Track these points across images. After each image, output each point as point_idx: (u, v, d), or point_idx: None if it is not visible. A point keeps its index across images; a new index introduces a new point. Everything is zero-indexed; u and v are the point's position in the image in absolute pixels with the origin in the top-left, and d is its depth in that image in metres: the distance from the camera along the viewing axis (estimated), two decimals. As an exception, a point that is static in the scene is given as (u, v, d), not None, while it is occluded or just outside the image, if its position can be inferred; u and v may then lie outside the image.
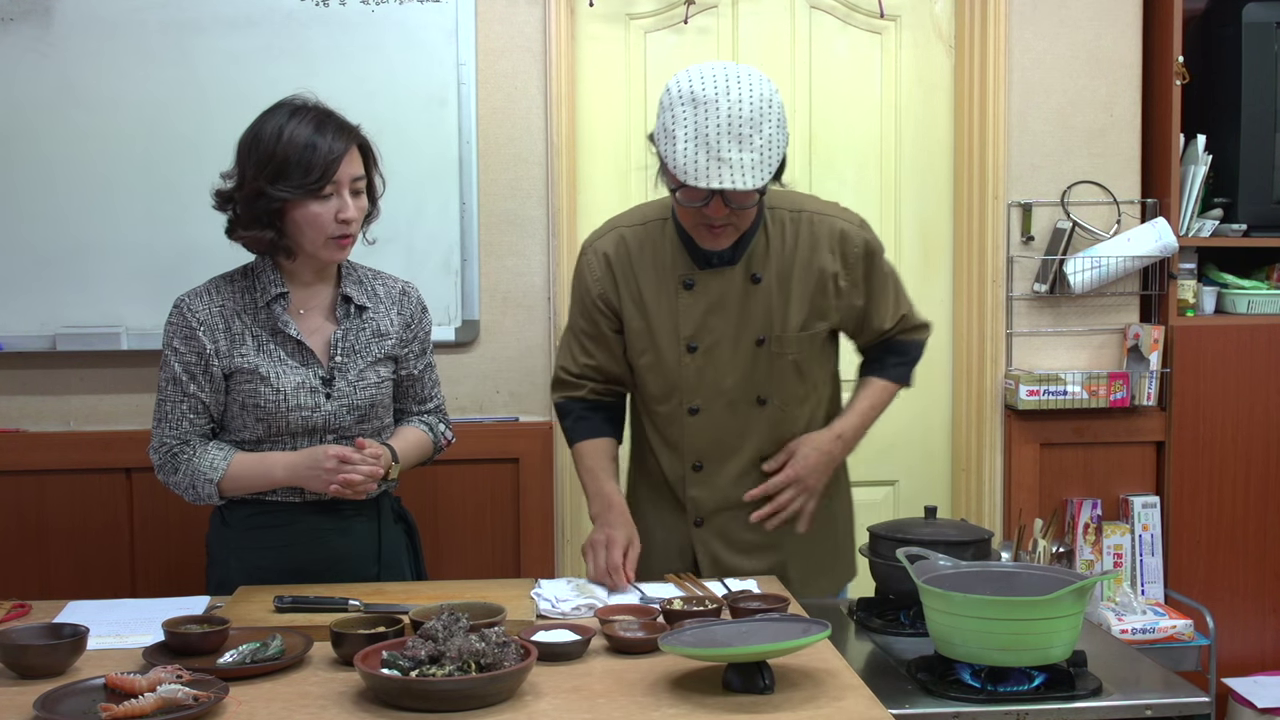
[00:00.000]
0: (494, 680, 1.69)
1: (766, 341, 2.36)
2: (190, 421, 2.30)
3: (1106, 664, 2.01)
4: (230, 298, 2.31)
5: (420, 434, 2.44)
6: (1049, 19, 3.34)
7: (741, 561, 2.45)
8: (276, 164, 2.22)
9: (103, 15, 3.05)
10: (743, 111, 2.14)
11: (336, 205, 2.24)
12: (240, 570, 2.31)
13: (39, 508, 3.10)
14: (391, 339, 2.38)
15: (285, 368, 2.28)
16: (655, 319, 2.38)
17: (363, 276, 2.41)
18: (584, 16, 3.28)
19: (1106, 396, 3.31)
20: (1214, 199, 3.42)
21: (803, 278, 2.36)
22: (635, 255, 2.40)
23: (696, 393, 2.39)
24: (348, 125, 2.30)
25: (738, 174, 2.14)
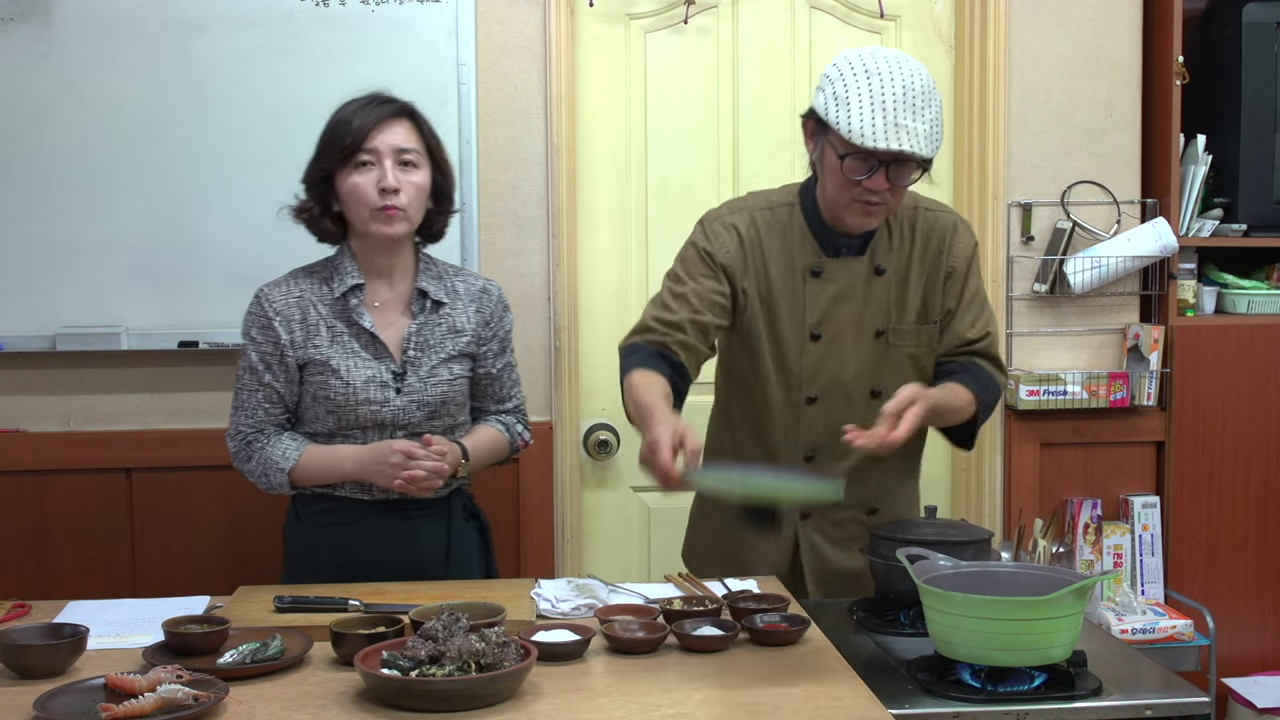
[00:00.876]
0: (494, 680, 1.69)
1: (885, 333, 2.37)
2: (265, 411, 2.31)
3: (1106, 664, 2.01)
4: (308, 288, 2.33)
5: (495, 433, 2.43)
6: (1049, 19, 3.34)
7: (845, 559, 2.43)
8: (324, 139, 2.30)
9: (103, 15, 3.05)
10: (915, 84, 2.19)
11: (377, 174, 2.24)
12: (310, 566, 2.33)
13: (39, 508, 3.11)
14: (467, 336, 2.38)
15: (357, 360, 2.29)
16: (780, 304, 2.37)
17: (442, 272, 2.41)
18: (584, 16, 3.28)
19: (1106, 396, 3.31)
20: (1214, 199, 3.42)
21: (919, 271, 2.37)
22: (765, 238, 2.38)
23: (815, 382, 2.38)
24: (394, 101, 2.32)
25: (915, 139, 2.18)
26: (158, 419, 3.15)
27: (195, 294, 3.09)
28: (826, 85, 2.25)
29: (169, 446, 3.11)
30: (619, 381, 2.26)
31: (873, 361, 2.38)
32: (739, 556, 2.45)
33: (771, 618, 2.02)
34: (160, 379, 3.14)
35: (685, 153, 3.37)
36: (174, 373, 3.14)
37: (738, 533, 2.45)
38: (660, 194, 3.35)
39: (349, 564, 2.31)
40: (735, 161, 3.38)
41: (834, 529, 2.44)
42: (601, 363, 3.34)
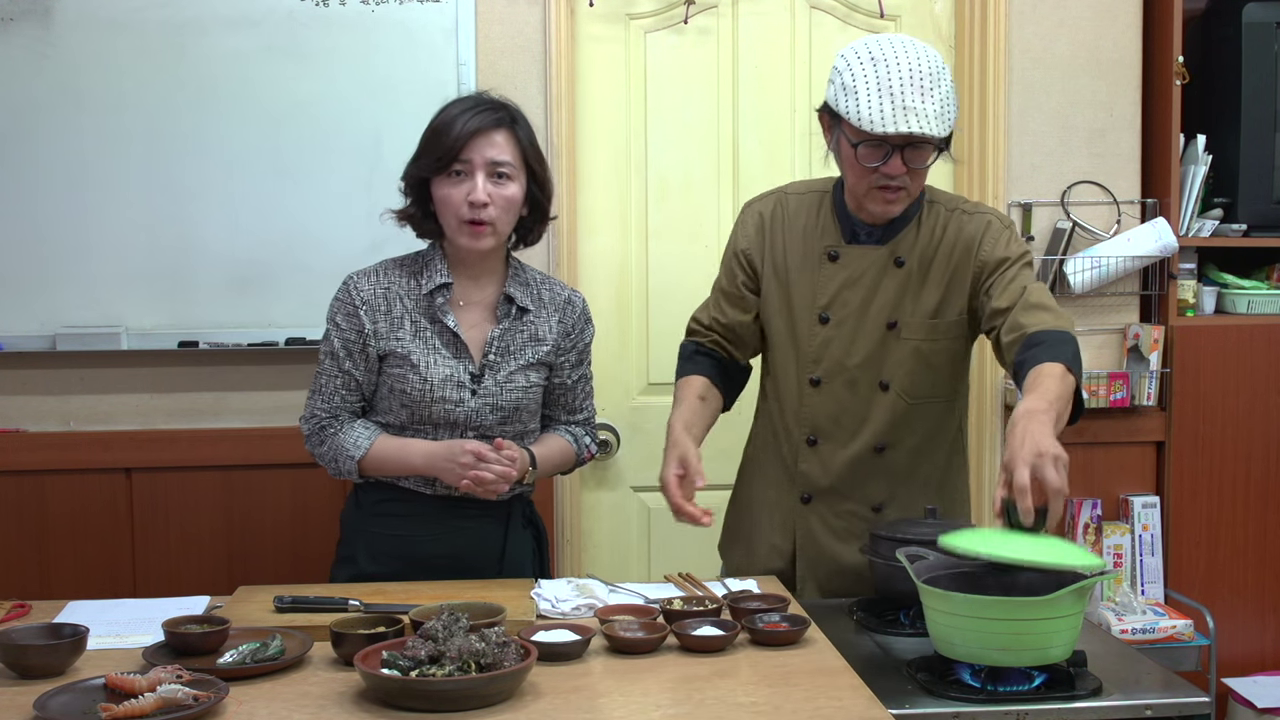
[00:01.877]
0: (494, 680, 1.69)
1: (897, 326, 2.37)
2: (342, 397, 2.33)
3: (1106, 664, 2.01)
4: (397, 280, 2.34)
5: (564, 443, 2.45)
6: (1049, 19, 3.34)
7: (841, 549, 2.43)
8: (423, 141, 2.30)
9: (103, 15, 3.05)
10: (922, 67, 2.20)
11: (468, 187, 2.24)
12: (366, 551, 2.35)
13: (39, 508, 3.10)
14: (548, 345, 2.39)
15: (437, 357, 2.30)
16: (795, 286, 2.41)
17: (530, 279, 2.41)
18: (584, 16, 3.28)
19: (1106, 396, 3.31)
20: (1214, 199, 3.42)
21: (943, 269, 2.36)
22: (789, 220, 2.44)
23: (820, 364, 2.39)
24: (500, 110, 2.29)
25: (924, 120, 2.19)
26: (158, 419, 3.15)
27: (195, 294, 3.09)
28: (836, 77, 2.28)
29: (169, 446, 3.11)
30: None
31: (881, 352, 2.37)
32: (748, 532, 2.50)
33: (771, 618, 2.02)
34: (160, 379, 3.14)
35: (685, 153, 3.37)
36: (174, 373, 3.14)
37: (752, 513, 2.50)
38: (660, 194, 3.34)
39: (402, 555, 2.33)
40: (735, 161, 3.38)
41: (836, 519, 2.44)
42: (602, 362, 3.33)
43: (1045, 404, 1.98)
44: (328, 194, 3.11)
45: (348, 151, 3.13)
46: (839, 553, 2.43)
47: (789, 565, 2.46)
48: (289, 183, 3.11)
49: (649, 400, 3.32)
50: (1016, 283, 2.28)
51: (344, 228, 3.13)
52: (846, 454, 2.41)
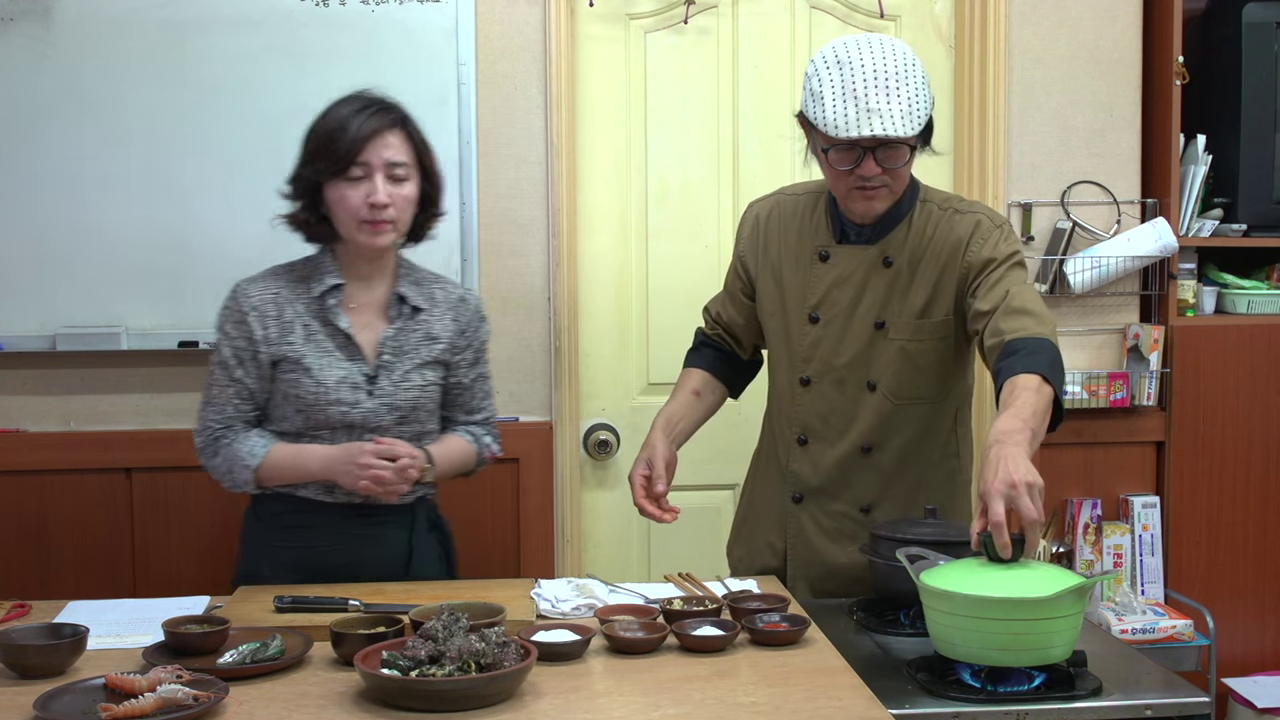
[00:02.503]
0: (494, 680, 1.69)
1: (885, 326, 2.37)
2: (235, 407, 2.30)
3: (1106, 664, 2.01)
4: (286, 285, 2.32)
5: (463, 443, 2.43)
6: (1049, 19, 3.34)
7: (833, 550, 2.43)
8: (313, 144, 2.28)
9: (103, 15, 3.05)
10: (887, 67, 2.20)
11: (366, 189, 2.24)
12: (269, 566, 2.31)
13: (39, 508, 3.10)
14: (442, 344, 2.38)
15: (330, 360, 2.28)
16: (788, 286, 2.43)
17: (422, 278, 2.41)
18: (584, 16, 3.28)
19: (1106, 396, 3.31)
20: (1214, 199, 3.42)
21: (931, 268, 2.35)
22: (785, 221, 2.46)
23: (810, 364, 2.41)
24: (390, 110, 2.30)
25: (888, 121, 2.18)
26: (157, 419, 3.15)
27: (195, 294, 3.09)
28: (806, 83, 2.29)
29: (169, 446, 3.11)
30: None
31: (869, 352, 2.38)
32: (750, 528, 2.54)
33: (771, 618, 2.02)
34: (160, 379, 3.14)
35: (685, 153, 3.37)
36: (174, 373, 3.14)
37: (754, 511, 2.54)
38: (660, 194, 3.35)
39: (308, 567, 2.30)
40: (735, 161, 3.38)
41: (827, 519, 2.44)
42: (602, 362, 3.34)
43: (1020, 423, 1.95)
44: (328, 194, 3.11)
45: (348, 151, 3.13)
46: (830, 553, 2.43)
47: (782, 564, 2.47)
48: (289, 183, 3.11)
49: (649, 400, 3.32)
50: (1001, 285, 2.25)
51: (344, 228, 3.13)
52: (835, 454, 2.42)
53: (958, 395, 2.48)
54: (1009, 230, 2.38)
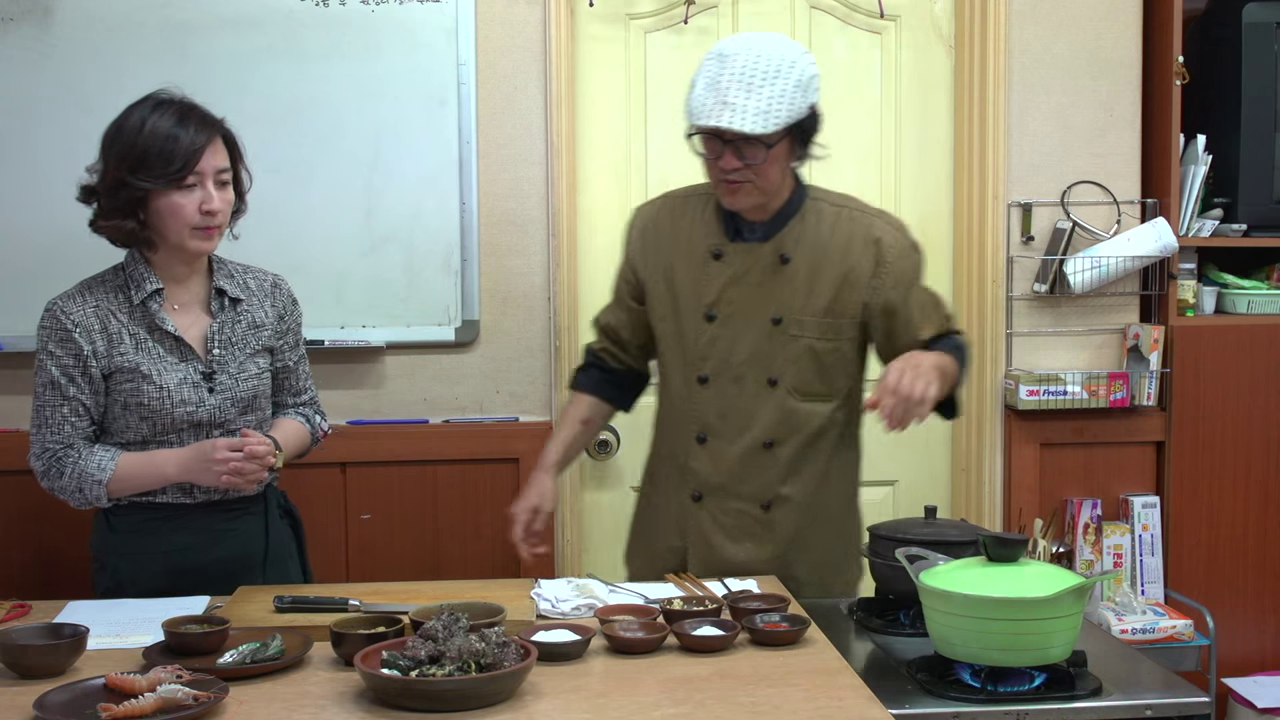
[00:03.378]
0: (494, 680, 1.69)
1: (784, 322, 2.37)
2: (73, 425, 2.30)
3: (1106, 664, 2.01)
4: (104, 297, 2.33)
5: (298, 425, 2.47)
6: (1049, 19, 3.34)
7: (732, 548, 2.43)
8: (138, 154, 2.25)
9: (103, 15, 3.05)
10: (759, 67, 2.23)
11: (200, 196, 2.26)
12: (130, 576, 2.32)
13: (39, 508, 3.10)
14: (267, 330, 2.41)
15: (165, 364, 2.30)
16: (681, 286, 2.43)
17: (233, 270, 2.43)
18: (584, 16, 3.28)
19: (1106, 396, 3.31)
20: (1214, 199, 3.42)
21: (835, 269, 2.37)
22: (674, 222, 2.46)
23: (707, 362, 2.41)
24: (211, 118, 2.33)
25: (737, 116, 2.21)
26: (158, 419, 3.15)
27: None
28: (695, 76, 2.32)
29: (169, 446, 3.10)
30: None
31: (768, 349, 2.38)
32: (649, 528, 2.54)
33: (771, 618, 2.02)
34: (160, 379, 3.14)
35: (685, 153, 3.35)
36: (174, 373, 3.14)
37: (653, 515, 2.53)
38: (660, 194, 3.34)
39: (171, 569, 2.31)
40: (735, 161, 3.38)
41: (726, 517, 2.44)
42: (601, 363, 3.34)
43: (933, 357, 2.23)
44: (328, 194, 3.11)
45: (348, 151, 3.13)
46: (729, 550, 2.43)
47: (682, 564, 2.47)
48: (288, 182, 3.11)
49: (649, 400, 3.31)
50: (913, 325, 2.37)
51: (343, 227, 3.13)
52: (735, 450, 2.42)
53: (858, 390, 2.50)
54: (909, 241, 2.42)
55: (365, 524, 3.14)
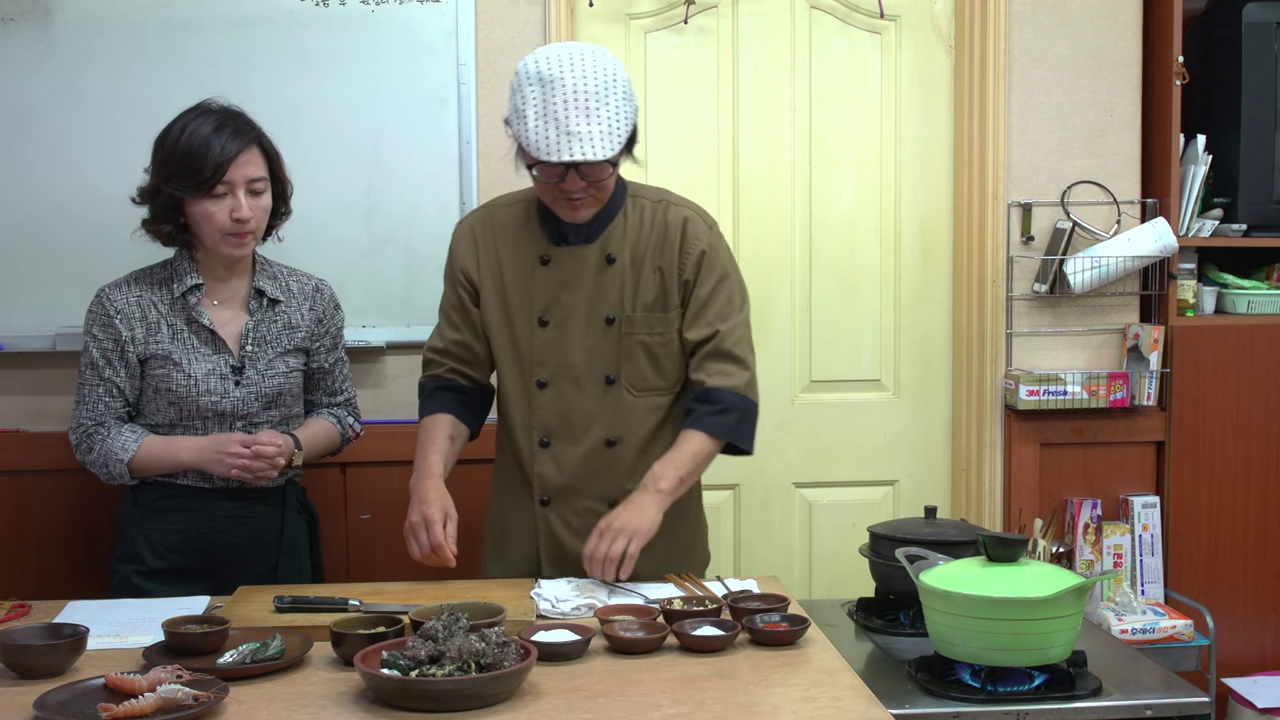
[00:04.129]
0: (494, 680, 1.69)
1: (617, 320, 2.40)
2: (106, 404, 2.43)
3: (1106, 664, 2.01)
4: (148, 288, 2.45)
5: (328, 425, 2.59)
6: (1049, 19, 3.34)
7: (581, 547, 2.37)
8: (174, 162, 2.37)
9: (103, 15, 3.05)
10: (587, 86, 2.23)
11: (230, 204, 2.37)
12: (148, 547, 2.45)
13: (39, 508, 3.10)
14: (302, 332, 2.52)
15: (197, 355, 2.42)
16: (512, 293, 2.44)
17: (277, 272, 2.55)
18: (584, 16, 3.28)
19: (1106, 396, 3.31)
20: (1214, 199, 3.42)
21: (654, 261, 2.41)
22: (500, 231, 2.47)
23: (544, 366, 2.42)
24: (247, 128, 2.42)
25: (587, 145, 2.23)
26: (158, 419, 3.15)
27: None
28: (511, 95, 2.30)
29: (169, 446, 3.11)
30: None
31: (604, 348, 2.41)
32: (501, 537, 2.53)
33: (771, 618, 2.02)
34: (160, 379, 3.14)
35: (685, 153, 3.37)
36: (174, 373, 3.14)
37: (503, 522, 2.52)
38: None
39: (185, 548, 2.44)
40: (735, 161, 3.38)
41: (575, 518, 2.44)
42: (601, 363, 3.34)
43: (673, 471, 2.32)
44: (328, 194, 3.11)
45: (348, 151, 3.13)
46: (578, 549, 2.38)
47: (538, 569, 2.46)
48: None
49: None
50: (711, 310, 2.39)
51: (343, 227, 3.13)
52: (578, 451, 2.43)
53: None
54: (718, 235, 2.45)
55: (365, 524, 3.14)
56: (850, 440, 3.47)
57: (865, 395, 3.47)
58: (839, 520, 3.45)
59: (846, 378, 3.47)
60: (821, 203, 3.41)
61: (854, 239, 3.43)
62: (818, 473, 3.46)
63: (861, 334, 3.45)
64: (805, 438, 3.45)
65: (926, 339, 3.47)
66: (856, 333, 3.45)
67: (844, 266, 3.43)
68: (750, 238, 3.39)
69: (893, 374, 3.47)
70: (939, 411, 3.50)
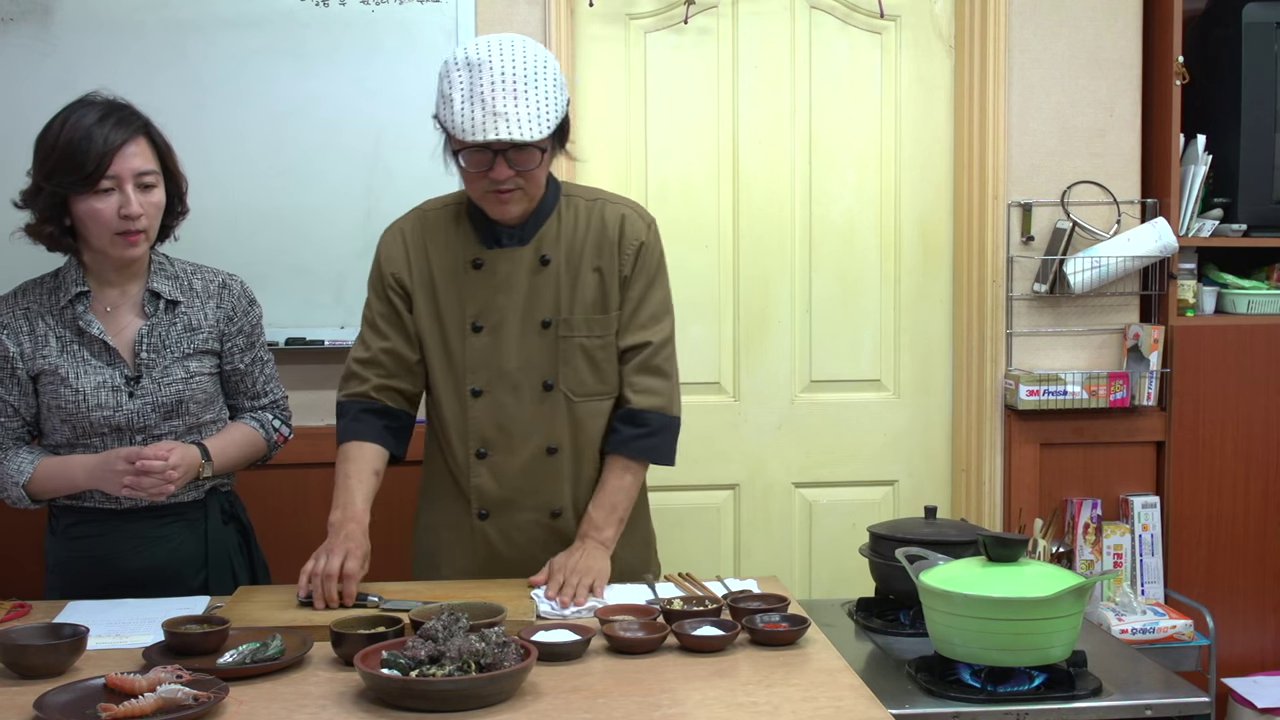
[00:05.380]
0: (494, 680, 1.69)
1: (553, 324, 2.33)
2: (2, 426, 2.30)
3: (1106, 664, 2.01)
4: (36, 299, 2.30)
5: (248, 431, 2.41)
6: (1049, 19, 3.34)
7: (524, 561, 2.36)
8: (55, 158, 2.20)
9: (103, 15, 3.05)
10: (516, 70, 2.16)
11: (118, 200, 2.20)
12: (66, 580, 2.32)
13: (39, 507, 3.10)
14: (204, 333, 2.35)
15: (87, 368, 2.26)
16: (443, 298, 2.34)
17: (179, 271, 2.37)
18: (584, 16, 3.28)
19: (1106, 396, 3.31)
20: (1214, 199, 3.42)
21: (592, 261, 2.34)
22: (430, 234, 2.36)
23: (479, 374, 2.33)
24: (133, 118, 2.25)
25: (514, 125, 2.14)
26: (158, 419, 3.15)
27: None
28: (439, 82, 2.22)
29: (169, 446, 3.10)
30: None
31: (541, 352, 2.33)
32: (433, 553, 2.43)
33: (771, 618, 2.02)
34: (160, 379, 3.14)
35: (685, 153, 3.37)
36: (174, 373, 3.14)
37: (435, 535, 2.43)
38: (660, 194, 3.34)
39: (102, 576, 2.30)
40: (735, 161, 3.38)
41: (515, 532, 2.38)
42: (601, 363, 3.34)
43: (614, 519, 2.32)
44: (328, 194, 3.11)
45: (348, 151, 3.13)
46: (523, 565, 2.35)
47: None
48: (289, 183, 3.11)
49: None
50: (644, 312, 2.35)
51: (343, 227, 3.13)
52: (518, 461, 2.35)
53: None
54: (655, 234, 2.39)
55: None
56: (850, 440, 3.47)
57: (865, 395, 3.47)
58: (839, 520, 3.45)
59: (846, 378, 3.47)
60: (821, 203, 3.41)
61: (854, 239, 3.43)
62: (818, 473, 3.46)
63: (861, 334, 3.45)
64: (805, 438, 3.45)
65: (926, 339, 3.47)
66: (856, 333, 3.45)
67: (844, 266, 3.43)
68: (750, 238, 3.39)
69: (893, 374, 3.48)
70: (939, 412, 3.50)
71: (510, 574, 2.34)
